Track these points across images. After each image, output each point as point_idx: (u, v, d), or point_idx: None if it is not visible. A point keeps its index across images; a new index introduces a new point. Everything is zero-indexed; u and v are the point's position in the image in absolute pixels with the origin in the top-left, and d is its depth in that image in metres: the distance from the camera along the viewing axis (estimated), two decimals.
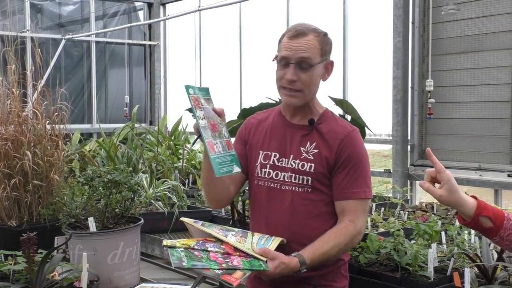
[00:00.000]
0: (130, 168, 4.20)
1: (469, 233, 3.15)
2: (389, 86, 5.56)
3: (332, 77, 2.06)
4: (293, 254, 1.85)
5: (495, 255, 2.67)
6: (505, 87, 4.83)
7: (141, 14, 9.10)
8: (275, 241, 1.91)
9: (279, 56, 1.96)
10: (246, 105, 3.73)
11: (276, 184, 2.00)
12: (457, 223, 3.59)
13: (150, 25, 8.92)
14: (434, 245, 2.74)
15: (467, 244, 3.01)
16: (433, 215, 4.01)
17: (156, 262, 4.17)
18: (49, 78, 6.50)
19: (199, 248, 1.78)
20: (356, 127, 2.04)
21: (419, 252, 2.74)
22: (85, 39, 8.39)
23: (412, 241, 2.99)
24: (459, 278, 2.36)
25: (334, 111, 2.15)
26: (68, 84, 7.66)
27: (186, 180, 5.83)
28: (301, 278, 1.92)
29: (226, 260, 1.76)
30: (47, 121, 3.57)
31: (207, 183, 2.03)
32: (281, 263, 1.79)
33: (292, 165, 1.98)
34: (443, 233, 3.20)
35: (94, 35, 8.44)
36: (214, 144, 1.82)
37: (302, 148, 1.98)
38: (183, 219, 1.93)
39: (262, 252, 1.81)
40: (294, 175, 1.97)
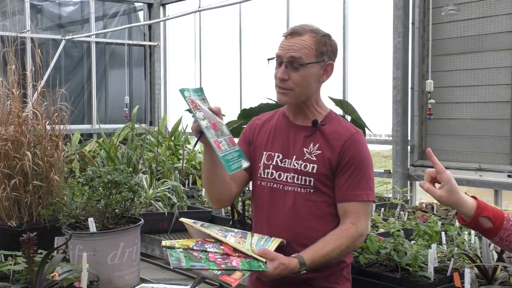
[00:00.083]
0: (130, 169, 4.20)
1: (469, 234, 3.15)
2: (389, 87, 5.56)
3: (332, 78, 2.05)
4: (293, 255, 1.84)
5: (495, 256, 2.67)
6: (505, 88, 4.83)
7: (141, 15, 9.10)
8: (275, 242, 1.90)
9: (275, 55, 1.98)
10: (246, 106, 3.73)
11: (279, 185, 2.00)
12: (457, 224, 3.59)
13: (150, 26, 8.92)
14: (434, 246, 2.74)
15: (467, 245, 3.01)
16: (433, 216, 4.00)
17: (156, 263, 4.17)
18: (49, 79, 6.50)
19: (198, 249, 1.77)
20: (360, 129, 2.04)
21: (419, 253, 2.73)
22: (85, 40, 8.40)
23: (412, 242, 2.99)
24: (459, 279, 2.36)
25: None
26: (68, 85, 7.65)
27: (186, 181, 5.83)
28: (303, 280, 1.91)
29: (225, 261, 1.75)
30: (47, 122, 3.56)
31: (208, 183, 2.02)
32: (281, 264, 1.78)
33: (295, 166, 1.97)
34: (443, 234, 3.20)
35: (94, 36, 8.44)
36: (220, 143, 1.82)
37: (305, 149, 1.98)
38: (183, 220, 1.93)
39: (262, 253, 1.80)
40: (297, 176, 1.97)
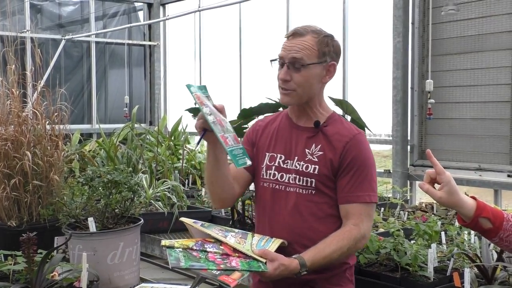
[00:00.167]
0: (130, 169, 4.20)
1: (469, 233, 3.15)
2: (389, 87, 5.57)
3: (332, 78, 2.05)
4: (294, 256, 1.83)
5: (495, 255, 2.67)
6: (505, 88, 4.83)
7: (141, 15, 9.10)
8: (275, 243, 1.90)
9: (278, 56, 1.98)
10: (246, 106, 3.73)
11: (281, 186, 1.99)
12: (457, 223, 3.59)
13: (150, 26, 8.92)
14: (434, 245, 2.74)
15: (467, 244, 3.01)
16: (433, 215, 4.00)
17: (156, 262, 4.17)
18: (49, 79, 6.50)
19: (198, 249, 1.77)
20: (363, 131, 2.04)
21: (419, 252, 2.74)
22: (85, 40, 8.40)
23: (412, 241, 2.99)
24: (459, 278, 2.36)
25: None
26: (68, 85, 7.64)
27: (186, 181, 5.83)
28: (305, 282, 1.91)
29: (225, 261, 1.75)
30: (47, 121, 3.56)
31: (212, 182, 2.01)
32: (281, 265, 1.78)
33: (297, 167, 1.97)
34: (443, 233, 3.20)
35: (94, 36, 8.44)
36: (226, 138, 1.82)
37: (307, 150, 1.97)
38: (183, 220, 1.93)
39: (262, 253, 1.80)
40: (298, 177, 1.96)
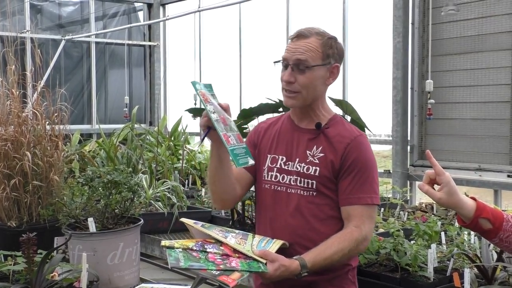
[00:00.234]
0: (130, 169, 4.20)
1: (469, 234, 3.15)
2: (389, 87, 5.57)
3: (336, 80, 2.05)
4: (295, 257, 1.83)
5: (495, 256, 2.67)
6: (505, 88, 4.83)
7: (141, 15, 9.10)
8: (276, 244, 1.89)
9: (281, 58, 1.98)
10: (246, 106, 3.73)
11: (282, 187, 1.99)
12: (457, 224, 3.59)
13: (150, 26, 8.92)
14: (434, 246, 2.74)
15: (467, 245, 3.01)
16: (433, 216, 4.01)
17: (156, 263, 4.17)
18: (49, 79, 6.49)
19: (198, 249, 1.77)
20: (364, 133, 2.04)
21: (419, 253, 2.74)
22: (85, 40, 8.40)
23: (412, 242, 2.99)
24: (459, 279, 2.36)
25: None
26: (68, 85, 7.64)
27: (186, 181, 5.83)
28: (307, 283, 1.90)
29: (225, 262, 1.74)
30: (47, 122, 3.57)
31: (214, 182, 2.01)
32: (281, 266, 1.77)
33: (298, 169, 1.97)
34: (443, 234, 3.20)
35: (94, 36, 8.44)
36: (229, 137, 1.82)
37: (308, 152, 1.97)
38: (183, 220, 1.92)
39: (262, 254, 1.79)
40: (299, 179, 1.96)
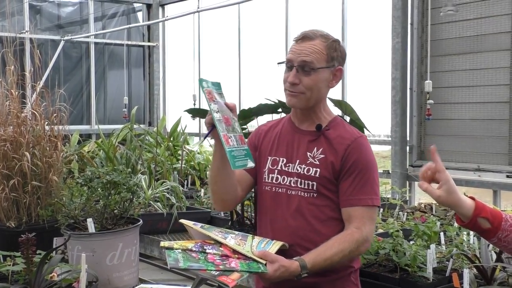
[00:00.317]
0: (129, 169, 4.19)
1: (468, 234, 3.15)
2: (388, 87, 5.57)
3: (338, 82, 2.06)
4: (295, 258, 1.83)
5: (494, 256, 2.67)
6: (504, 88, 4.83)
7: (140, 15, 9.10)
8: (276, 245, 1.89)
9: (286, 59, 1.99)
10: (245, 106, 3.73)
11: (283, 189, 1.99)
12: (456, 224, 3.59)
13: (149, 26, 8.92)
14: (433, 246, 2.74)
15: (466, 245, 3.01)
16: (432, 216, 4.01)
17: (155, 263, 4.17)
18: (48, 79, 6.47)
19: (197, 250, 1.77)
20: (365, 134, 2.04)
21: (418, 253, 2.73)
22: (84, 40, 8.40)
23: (411, 242, 2.99)
24: (458, 279, 2.36)
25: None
26: (67, 85, 7.64)
27: (185, 181, 5.83)
28: (309, 285, 1.90)
29: (224, 262, 1.74)
30: (46, 122, 3.56)
31: (216, 181, 2.01)
32: (281, 266, 1.77)
33: (298, 170, 1.97)
34: (442, 234, 3.20)
35: (93, 36, 8.44)
36: (229, 138, 1.82)
37: (309, 153, 1.98)
38: (183, 221, 1.92)
39: (262, 255, 1.79)
40: (300, 180, 1.96)
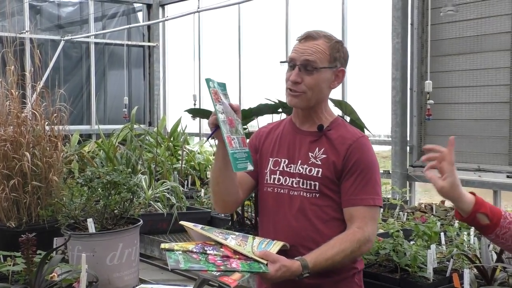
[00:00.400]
0: (129, 169, 4.19)
1: (468, 234, 3.15)
2: (388, 87, 5.57)
3: (340, 83, 2.06)
4: (296, 258, 1.82)
5: (495, 256, 2.67)
6: (504, 88, 4.83)
7: (140, 16, 9.10)
8: (277, 245, 1.89)
9: (288, 58, 1.99)
10: (245, 106, 3.73)
11: (285, 190, 1.99)
12: (456, 224, 3.59)
13: (149, 27, 8.92)
14: (433, 246, 2.74)
15: (467, 245, 3.01)
16: (432, 216, 4.01)
17: (155, 263, 4.17)
18: (48, 79, 6.49)
19: (198, 251, 1.76)
20: (366, 134, 2.04)
21: (418, 253, 2.73)
22: (84, 40, 8.40)
23: (411, 242, 2.99)
24: (459, 279, 2.36)
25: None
26: (67, 85, 7.65)
27: (185, 181, 5.83)
28: (312, 286, 1.90)
29: (225, 263, 1.74)
30: (46, 122, 3.56)
31: (217, 183, 2.01)
32: (282, 266, 1.77)
33: (300, 171, 1.97)
34: (442, 234, 3.20)
35: (93, 36, 8.44)
36: (232, 140, 1.81)
37: (311, 154, 1.98)
38: (183, 223, 1.91)
39: (263, 255, 1.79)
40: (302, 180, 1.96)
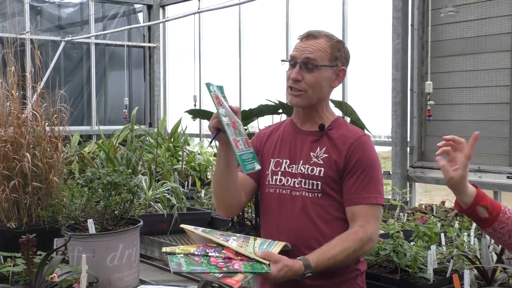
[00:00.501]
0: (130, 170, 4.19)
1: (469, 235, 3.15)
2: (389, 88, 5.57)
3: (341, 83, 2.06)
4: (298, 258, 1.81)
5: (495, 257, 2.67)
6: (504, 89, 4.83)
7: (141, 16, 9.11)
8: (278, 246, 1.88)
9: (289, 56, 2.00)
10: (246, 107, 3.73)
11: (287, 190, 1.99)
12: (457, 225, 3.59)
13: (150, 27, 8.93)
14: (434, 247, 2.74)
15: (467, 246, 3.01)
16: (433, 217, 4.01)
17: (156, 264, 4.17)
18: (49, 80, 6.49)
19: (200, 254, 1.76)
20: (367, 133, 2.04)
21: (419, 254, 2.73)
22: (85, 41, 8.40)
23: (412, 243, 2.99)
24: (459, 280, 2.36)
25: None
26: (68, 86, 7.65)
27: (186, 182, 5.83)
28: (315, 287, 1.90)
29: (227, 265, 1.73)
30: (47, 123, 3.57)
31: (219, 186, 1.99)
32: (285, 266, 1.76)
33: (302, 170, 1.96)
34: (443, 235, 3.20)
35: (94, 37, 8.45)
36: (237, 142, 1.81)
37: (312, 153, 1.97)
38: (183, 226, 1.90)
39: (265, 255, 1.78)
40: (304, 180, 1.95)
